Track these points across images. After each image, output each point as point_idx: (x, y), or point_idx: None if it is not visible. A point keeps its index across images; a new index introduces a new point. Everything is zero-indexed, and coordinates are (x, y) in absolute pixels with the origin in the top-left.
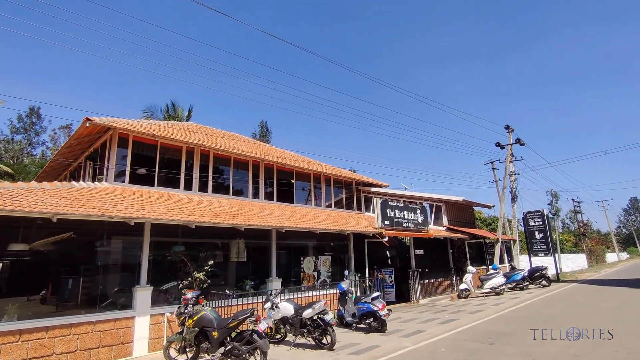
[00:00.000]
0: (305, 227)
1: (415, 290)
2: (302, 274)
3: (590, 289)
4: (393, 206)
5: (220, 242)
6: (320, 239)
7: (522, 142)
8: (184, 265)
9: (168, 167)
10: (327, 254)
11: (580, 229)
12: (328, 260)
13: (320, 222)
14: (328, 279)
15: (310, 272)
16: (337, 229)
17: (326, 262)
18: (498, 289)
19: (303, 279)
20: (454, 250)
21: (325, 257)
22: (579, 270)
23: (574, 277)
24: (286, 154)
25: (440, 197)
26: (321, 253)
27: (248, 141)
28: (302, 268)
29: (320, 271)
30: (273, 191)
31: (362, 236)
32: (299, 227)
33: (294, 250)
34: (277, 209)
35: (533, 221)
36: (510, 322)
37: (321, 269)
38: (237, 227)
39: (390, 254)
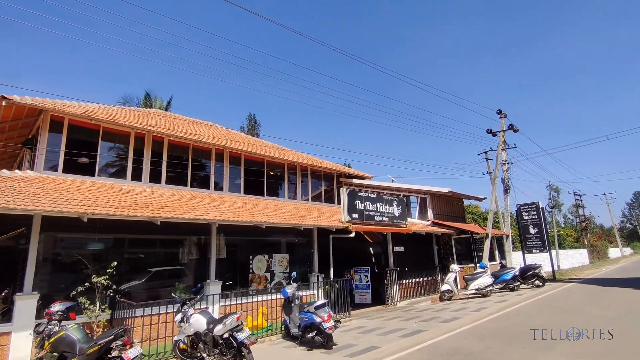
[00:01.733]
0: (246, 220)
1: (392, 291)
2: (251, 276)
3: (588, 290)
4: (363, 197)
5: (160, 239)
6: (279, 235)
7: (516, 128)
8: (84, 267)
9: (115, 155)
10: (285, 252)
11: (582, 224)
12: (285, 259)
13: (278, 215)
14: (285, 280)
15: (262, 273)
16: (291, 222)
17: (282, 262)
18: (484, 290)
19: (252, 281)
20: (439, 247)
21: (281, 255)
22: (579, 267)
23: (572, 276)
24: (262, 143)
25: (425, 189)
26: (278, 251)
27: (216, 129)
28: (252, 268)
29: (274, 272)
30: (240, 183)
31: (338, 231)
32: (239, 221)
33: (244, 248)
34: (239, 201)
35: (527, 214)
36: (486, 336)
37: (276, 269)
38: (154, 221)
39: (373, 250)
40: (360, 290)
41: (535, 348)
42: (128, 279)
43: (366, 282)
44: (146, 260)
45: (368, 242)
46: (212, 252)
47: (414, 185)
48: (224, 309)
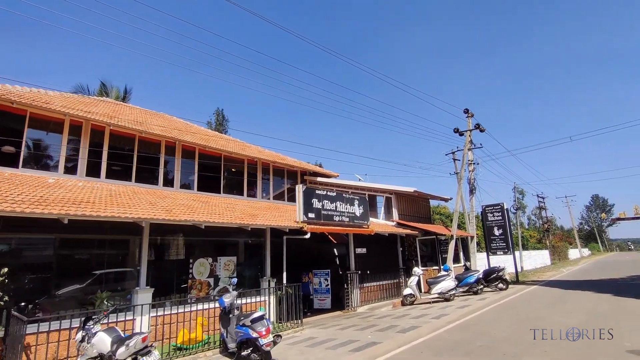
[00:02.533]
0: (181, 220)
1: (352, 295)
2: (191, 281)
3: (551, 293)
4: (321, 195)
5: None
6: (226, 236)
7: (482, 127)
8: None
9: (46, 145)
10: (233, 255)
11: (544, 225)
12: (232, 262)
13: (227, 214)
14: (231, 286)
15: (204, 278)
16: (236, 222)
17: (229, 265)
18: (447, 295)
19: (192, 287)
20: (404, 248)
21: (228, 258)
22: (542, 267)
23: (535, 277)
24: (221, 137)
25: (391, 188)
26: (225, 253)
27: (172, 121)
28: (192, 273)
29: (219, 277)
30: (194, 179)
31: (293, 232)
32: (172, 221)
33: (186, 250)
34: (187, 198)
35: (492, 216)
36: (443, 350)
37: (221, 273)
38: (60, 219)
39: (338, 252)
40: (319, 294)
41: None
42: (57, 284)
43: (326, 285)
44: (82, 263)
45: (332, 242)
46: (142, 255)
47: (380, 184)
48: (155, 320)
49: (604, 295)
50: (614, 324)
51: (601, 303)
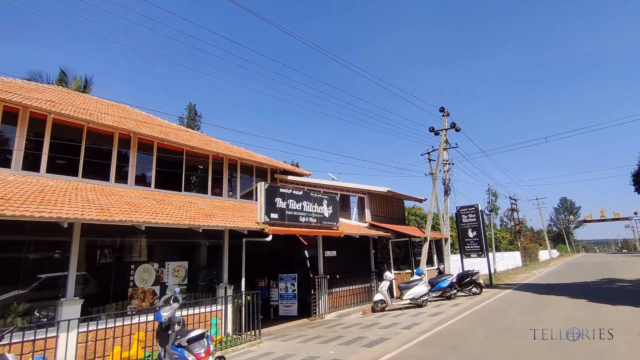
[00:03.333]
0: (114, 220)
1: (320, 302)
2: (132, 290)
3: (525, 299)
4: (286, 194)
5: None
6: (177, 238)
7: (458, 127)
8: None
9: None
10: (185, 260)
11: (516, 227)
12: (183, 268)
13: (180, 213)
14: (173, 296)
15: (148, 286)
16: (185, 223)
17: (179, 271)
18: (420, 300)
19: (133, 297)
20: (376, 251)
21: (177, 263)
22: (514, 269)
23: (509, 280)
24: (185, 132)
25: (364, 188)
26: (174, 258)
27: (132, 112)
28: (133, 281)
29: (167, 284)
30: (151, 175)
31: (254, 234)
32: (102, 221)
33: (129, 254)
34: (139, 196)
35: (466, 217)
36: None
37: (169, 280)
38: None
39: (309, 254)
40: (285, 300)
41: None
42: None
43: (292, 291)
44: None
45: (303, 244)
46: (71, 260)
47: (353, 183)
48: (85, 336)
49: (579, 302)
50: (596, 335)
51: (577, 310)
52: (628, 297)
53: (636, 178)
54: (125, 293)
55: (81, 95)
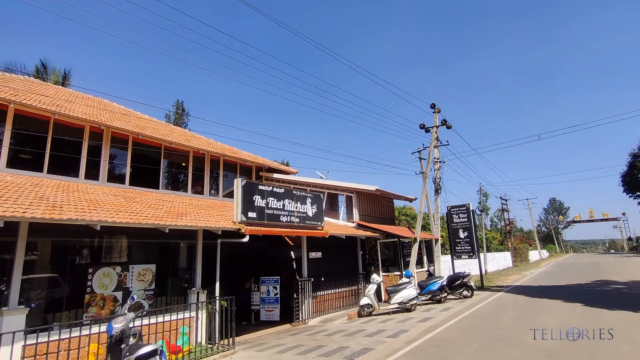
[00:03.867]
0: (62, 218)
1: (304, 306)
2: (90, 297)
3: (518, 303)
4: (266, 191)
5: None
6: (143, 238)
7: (449, 124)
8: None
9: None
10: (152, 262)
11: (507, 227)
12: (150, 271)
13: (146, 212)
14: (146, 301)
15: (108, 292)
16: (147, 222)
17: (145, 275)
18: (408, 304)
19: (91, 304)
20: (364, 252)
21: (144, 266)
22: (505, 270)
23: (500, 282)
24: (164, 126)
25: (351, 186)
26: (139, 260)
27: (107, 105)
28: (91, 286)
29: (131, 289)
30: (126, 171)
31: (230, 235)
32: (49, 220)
33: (86, 257)
34: (108, 193)
35: (458, 217)
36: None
37: (134, 285)
38: None
39: (295, 255)
40: (267, 305)
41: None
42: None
43: (275, 294)
44: None
45: (289, 245)
46: (15, 263)
47: (340, 182)
48: (33, 349)
49: (575, 306)
50: (596, 346)
51: (574, 316)
52: (625, 301)
53: (625, 179)
54: (82, 300)
55: (53, 86)
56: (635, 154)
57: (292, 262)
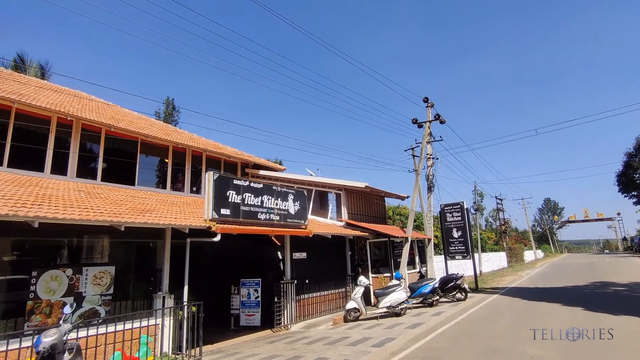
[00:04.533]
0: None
1: (286, 311)
2: (33, 303)
3: (515, 306)
4: (242, 187)
5: None
6: (101, 238)
7: (443, 119)
8: None
9: None
10: (111, 264)
11: (502, 227)
12: (107, 274)
13: (106, 208)
14: (104, 308)
15: (57, 297)
16: (101, 220)
17: (102, 278)
18: (397, 309)
19: (34, 311)
20: (353, 253)
21: (101, 269)
22: (500, 270)
23: (495, 283)
24: (142, 120)
25: (339, 183)
26: (96, 262)
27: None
28: (35, 291)
29: (84, 295)
30: (97, 166)
31: (201, 233)
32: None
33: (30, 258)
34: (71, 189)
35: (451, 216)
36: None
37: (88, 290)
38: None
39: (282, 256)
40: (247, 309)
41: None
42: None
43: (255, 298)
44: None
45: (276, 245)
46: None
47: (328, 178)
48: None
49: (575, 310)
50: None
51: (575, 322)
52: (628, 305)
53: (620, 178)
54: (24, 306)
55: (23, 77)
56: (631, 154)
57: (280, 262)
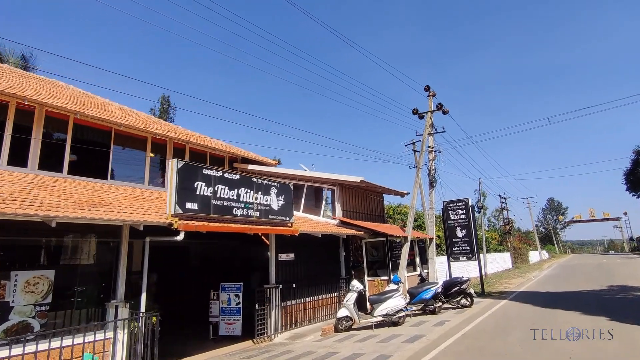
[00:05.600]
0: None
1: (270, 319)
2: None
3: (527, 314)
4: (213, 177)
5: None
6: (41, 235)
7: (446, 109)
8: None
9: None
10: (49, 268)
11: (506, 227)
12: (44, 280)
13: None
14: (40, 320)
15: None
16: (16, 213)
17: (37, 285)
18: (395, 317)
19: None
20: (348, 254)
21: (35, 273)
22: (505, 272)
23: (502, 287)
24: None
25: (333, 177)
26: (31, 265)
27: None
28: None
29: (12, 305)
30: (64, 158)
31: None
32: None
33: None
34: (23, 180)
35: (455, 214)
36: None
37: (17, 299)
38: None
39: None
40: (227, 316)
41: None
42: None
43: (237, 304)
44: None
45: (266, 245)
46: None
47: (320, 173)
48: None
49: (598, 320)
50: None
51: (604, 336)
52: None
53: (628, 177)
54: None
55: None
56: None
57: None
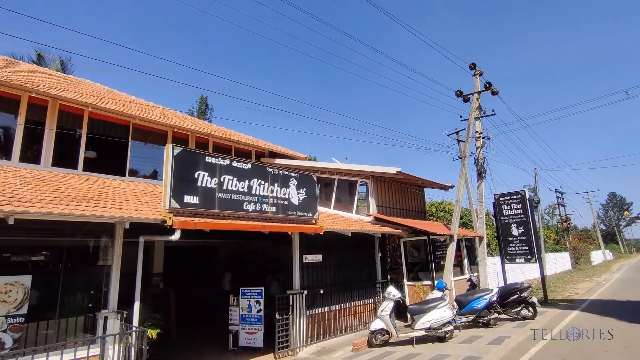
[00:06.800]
0: None
1: (294, 329)
2: None
3: (615, 332)
4: (218, 167)
5: None
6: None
7: (495, 89)
8: None
9: None
10: (26, 272)
11: (563, 224)
12: (19, 287)
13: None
14: (12, 334)
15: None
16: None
17: (10, 294)
18: (440, 331)
19: None
20: (384, 254)
21: (7, 280)
22: (566, 274)
23: (568, 293)
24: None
25: (366, 169)
26: (4, 271)
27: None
28: None
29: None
30: (79, 154)
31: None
32: None
33: None
34: (32, 177)
35: (509, 208)
36: None
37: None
38: None
39: None
40: (248, 325)
41: None
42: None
43: (258, 311)
44: None
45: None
46: None
47: (352, 165)
48: None
49: None
50: None
51: None
52: None
53: None
54: None
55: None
56: None
57: None
